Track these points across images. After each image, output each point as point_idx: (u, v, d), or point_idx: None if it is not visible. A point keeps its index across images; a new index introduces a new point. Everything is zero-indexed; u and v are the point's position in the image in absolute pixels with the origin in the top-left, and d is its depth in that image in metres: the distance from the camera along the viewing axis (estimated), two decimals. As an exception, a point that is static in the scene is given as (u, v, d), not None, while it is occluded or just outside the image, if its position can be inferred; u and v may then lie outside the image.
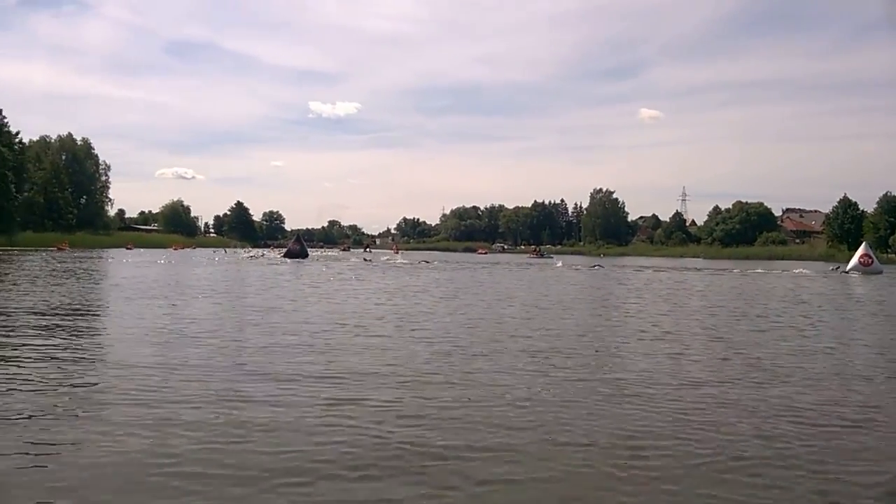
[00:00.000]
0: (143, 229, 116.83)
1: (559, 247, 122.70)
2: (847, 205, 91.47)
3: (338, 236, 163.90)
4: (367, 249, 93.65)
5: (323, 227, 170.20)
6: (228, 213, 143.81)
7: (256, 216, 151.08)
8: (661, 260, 77.27)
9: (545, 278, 32.66)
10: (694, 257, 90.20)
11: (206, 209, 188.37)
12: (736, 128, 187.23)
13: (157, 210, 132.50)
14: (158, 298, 16.57)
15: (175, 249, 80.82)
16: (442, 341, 10.25)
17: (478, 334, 11.26)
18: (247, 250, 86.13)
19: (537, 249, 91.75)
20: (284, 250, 59.29)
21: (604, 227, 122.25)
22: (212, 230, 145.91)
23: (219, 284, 23.34)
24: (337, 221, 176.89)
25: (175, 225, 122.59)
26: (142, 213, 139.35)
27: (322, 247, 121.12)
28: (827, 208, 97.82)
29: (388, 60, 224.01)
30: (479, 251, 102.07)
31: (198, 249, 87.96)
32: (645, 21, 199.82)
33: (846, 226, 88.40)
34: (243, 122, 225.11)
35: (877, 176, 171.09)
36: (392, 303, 17.08)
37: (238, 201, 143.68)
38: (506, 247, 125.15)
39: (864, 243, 48.80)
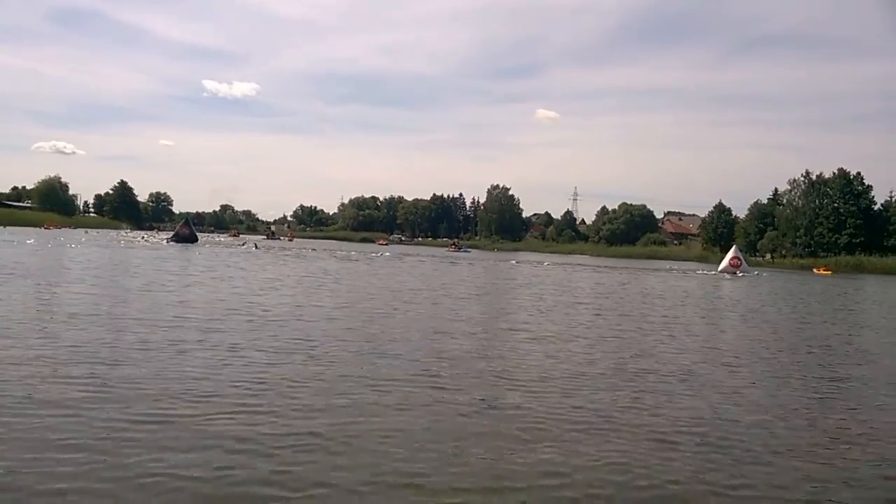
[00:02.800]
0: (14, 206, 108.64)
1: (455, 239, 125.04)
2: (721, 210, 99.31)
3: (230, 221, 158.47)
4: (271, 237, 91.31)
5: (215, 212, 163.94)
6: (111, 192, 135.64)
7: (142, 197, 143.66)
8: (553, 256, 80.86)
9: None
10: (581, 254, 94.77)
11: (87, 188, 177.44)
12: (625, 132, 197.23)
13: (32, 186, 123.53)
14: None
15: (47, 228, 76.86)
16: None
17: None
18: (125, 233, 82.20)
19: (456, 243, 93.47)
20: (171, 234, 57.63)
21: (499, 223, 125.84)
22: (92, 210, 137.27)
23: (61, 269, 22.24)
24: (230, 206, 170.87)
25: (51, 203, 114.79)
26: (14, 188, 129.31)
27: (212, 231, 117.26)
28: (704, 213, 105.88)
29: (290, 44, 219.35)
30: (380, 241, 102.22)
31: (79, 230, 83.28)
32: (545, 23, 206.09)
33: (720, 230, 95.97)
34: (131, 97, 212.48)
35: (750, 185, 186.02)
36: (261, 294, 16.42)
37: (122, 180, 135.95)
38: (403, 238, 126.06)
39: (734, 247, 53.68)
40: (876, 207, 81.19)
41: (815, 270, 64.22)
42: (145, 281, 18.37)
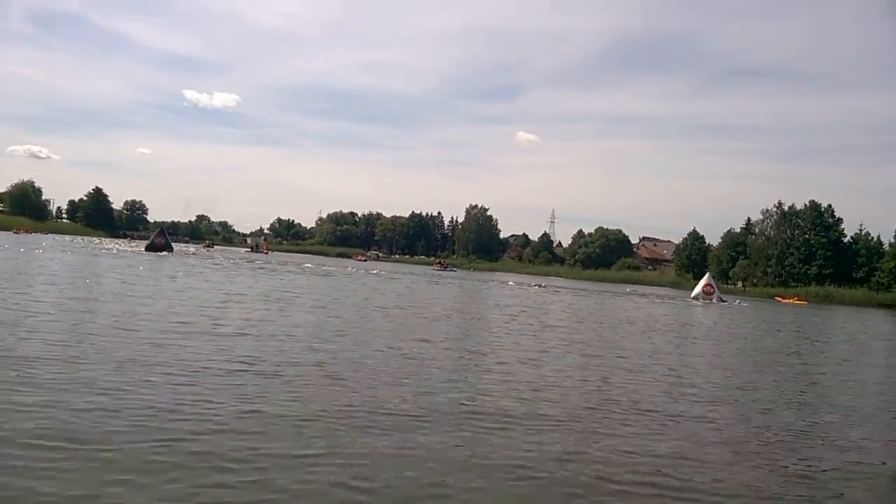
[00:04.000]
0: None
1: (433, 258, 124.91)
2: (695, 238, 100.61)
3: (206, 232, 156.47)
4: (255, 249, 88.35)
5: (190, 222, 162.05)
6: (85, 198, 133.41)
7: (117, 204, 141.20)
8: (528, 277, 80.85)
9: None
10: (556, 276, 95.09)
11: (61, 193, 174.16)
12: (604, 157, 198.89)
13: (4, 190, 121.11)
14: None
15: (17, 233, 76.17)
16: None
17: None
18: (97, 241, 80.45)
19: (442, 262, 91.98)
20: (147, 243, 56.68)
21: (476, 242, 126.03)
22: (65, 216, 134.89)
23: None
24: (206, 217, 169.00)
25: (22, 207, 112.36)
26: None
27: (187, 242, 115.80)
28: (678, 239, 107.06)
29: (271, 56, 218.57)
30: (358, 257, 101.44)
31: (49, 235, 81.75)
32: (527, 47, 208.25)
33: (693, 257, 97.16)
34: (109, 103, 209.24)
35: (723, 213, 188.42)
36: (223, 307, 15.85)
37: (97, 187, 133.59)
38: (380, 254, 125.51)
39: (707, 274, 54.14)
40: (846, 240, 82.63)
41: (777, 299, 65.10)
42: (101, 289, 17.83)
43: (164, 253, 48.49)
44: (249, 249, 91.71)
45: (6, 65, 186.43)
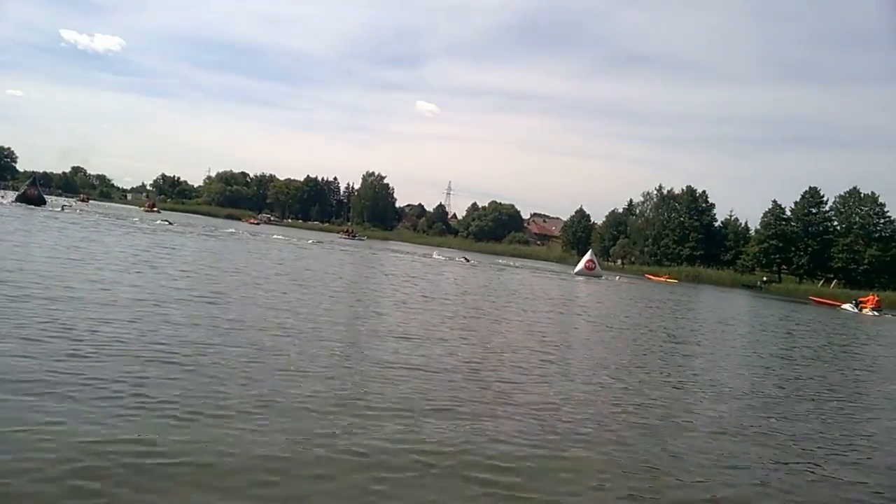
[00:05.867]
0: None
1: (327, 224, 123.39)
2: (581, 216, 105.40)
3: (81, 185, 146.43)
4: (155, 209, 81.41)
5: (64, 173, 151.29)
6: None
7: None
8: (425, 248, 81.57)
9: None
10: (449, 248, 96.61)
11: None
12: (500, 132, 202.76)
13: None
14: None
15: None
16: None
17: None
18: None
19: (349, 230, 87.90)
20: (17, 194, 52.53)
21: (372, 210, 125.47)
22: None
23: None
24: (82, 168, 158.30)
25: None
26: None
27: (60, 194, 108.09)
28: (566, 216, 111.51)
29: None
30: (250, 220, 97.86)
31: None
32: (431, 15, 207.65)
33: (579, 234, 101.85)
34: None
35: (609, 193, 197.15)
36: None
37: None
38: (272, 218, 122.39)
39: (590, 251, 57.06)
40: (717, 224, 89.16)
41: (647, 276, 69.56)
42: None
43: (34, 206, 45.12)
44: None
45: None
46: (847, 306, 44.00)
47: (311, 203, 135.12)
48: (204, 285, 13.68)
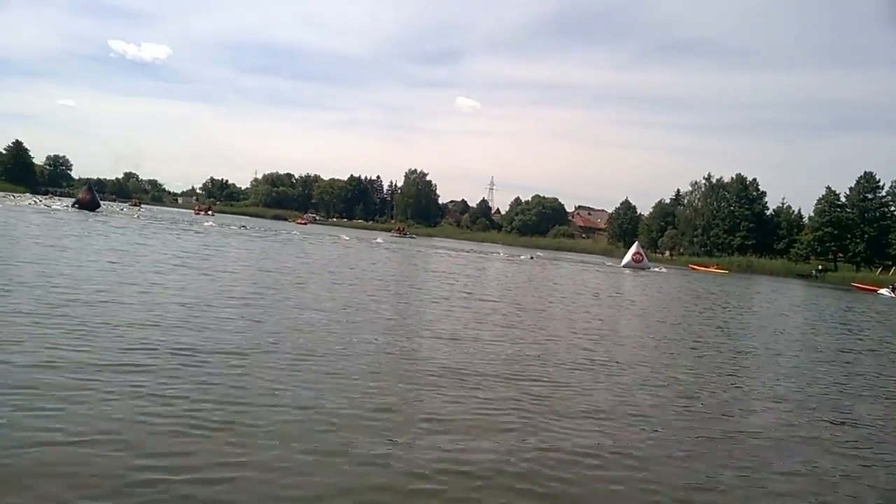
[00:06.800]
0: None
1: (371, 222, 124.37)
2: (627, 207, 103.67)
3: (134, 190, 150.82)
4: (210, 213, 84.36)
5: (117, 179, 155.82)
6: (4, 152, 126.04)
7: (38, 159, 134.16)
8: (471, 244, 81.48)
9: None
10: (493, 243, 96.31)
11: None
12: (542, 125, 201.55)
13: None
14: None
15: None
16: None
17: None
18: (26, 197, 76.73)
19: (401, 228, 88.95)
20: (73, 200, 54.48)
21: (415, 208, 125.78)
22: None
23: None
24: (134, 174, 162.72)
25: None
26: None
27: (114, 200, 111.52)
28: (612, 209, 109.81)
29: (205, 7, 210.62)
30: (298, 220, 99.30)
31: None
32: (468, 11, 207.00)
33: (625, 226, 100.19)
34: (29, 52, 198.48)
35: (656, 184, 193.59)
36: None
37: (16, 140, 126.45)
38: (317, 217, 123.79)
39: (636, 243, 56.03)
40: (768, 212, 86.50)
41: (691, 267, 68.01)
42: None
43: (89, 211, 46.70)
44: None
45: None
46: (884, 291, 45.04)
47: (355, 202, 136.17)
48: (328, 289, 13.73)
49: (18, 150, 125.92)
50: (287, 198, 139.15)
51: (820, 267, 72.70)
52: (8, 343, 6.77)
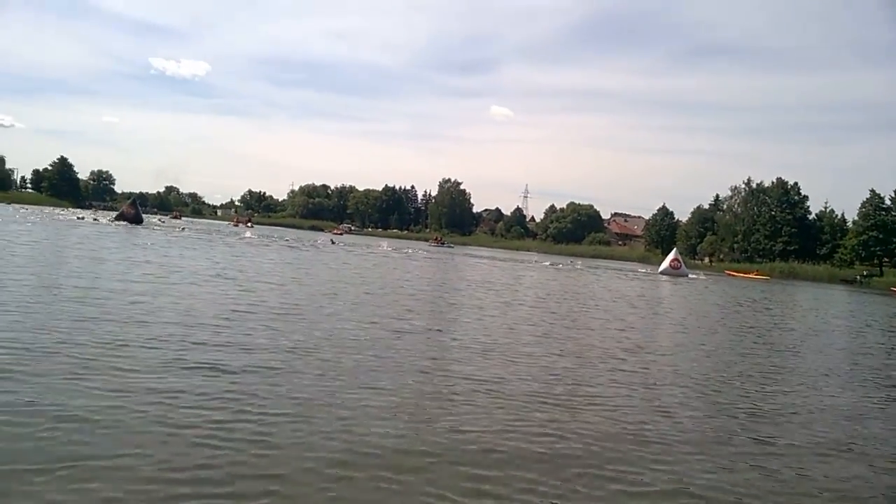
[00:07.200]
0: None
1: (406, 232, 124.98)
2: (665, 213, 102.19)
3: (175, 203, 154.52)
4: (250, 224, 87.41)
5: (159, 193, 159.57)
6: (50, 168, 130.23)
7: (83, 174, 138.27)
8: (503, 252, 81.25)
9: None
10: (528, 251, 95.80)
11: (24, 162, 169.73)
12: (576, 133, 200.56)
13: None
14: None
15: None
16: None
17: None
18: (71, 212, 79.09)
19: (439, 238, 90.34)
20: (116, 213, 55.98)
21: (450, 217, 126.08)
22: (29, 185, 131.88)
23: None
24: (175, 188, 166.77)
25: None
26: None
27: (156, 213, 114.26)
28: (648, 215, 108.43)
29: (241, 23, 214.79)
30: (334, 231, 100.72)
31: (11, 206, 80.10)
32: (500, 20, 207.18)
33: (662, 232, 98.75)
34: (73, 70, 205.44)
35: (693, 189, 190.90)
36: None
37: (62, 156, 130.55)
38: (353, 228, 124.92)
39: (674, 249, 55.09)
40: (811, 217, 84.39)
41: (728, 273, 66.63)
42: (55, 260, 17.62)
43: (133, 224, 47.81)
44: (233, 223, 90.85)
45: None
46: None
47: (390, 212, 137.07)
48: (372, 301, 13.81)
49: (63, 165, 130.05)
50: (323, 209, 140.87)
51: (865, 272, 70.56)
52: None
